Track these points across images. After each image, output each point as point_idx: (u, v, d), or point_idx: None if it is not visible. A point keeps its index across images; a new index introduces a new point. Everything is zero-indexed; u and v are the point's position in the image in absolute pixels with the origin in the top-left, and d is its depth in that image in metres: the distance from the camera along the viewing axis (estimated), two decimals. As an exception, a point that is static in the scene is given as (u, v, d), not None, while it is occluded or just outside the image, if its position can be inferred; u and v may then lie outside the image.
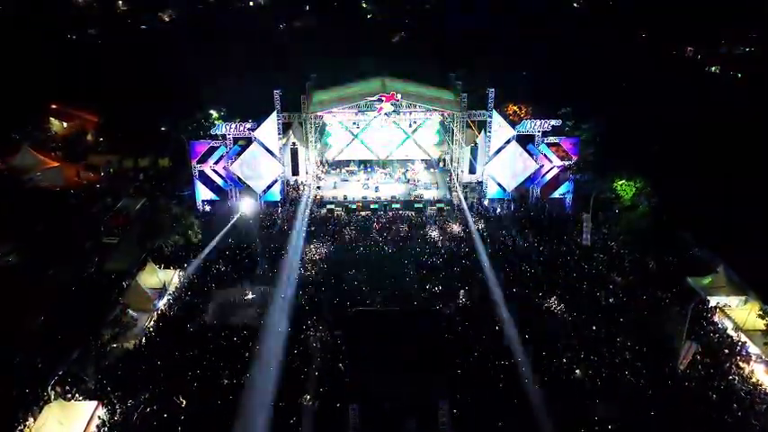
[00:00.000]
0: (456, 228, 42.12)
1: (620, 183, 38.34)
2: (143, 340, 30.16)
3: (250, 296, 33.77)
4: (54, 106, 61.99)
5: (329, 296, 33.16)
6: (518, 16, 79.45)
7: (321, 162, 51.72)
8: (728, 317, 31.41)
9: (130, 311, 30.68)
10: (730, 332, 30.54)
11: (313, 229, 41.83)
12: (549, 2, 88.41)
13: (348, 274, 35.50)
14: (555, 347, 28.59)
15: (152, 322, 31.63)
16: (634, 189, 38.00)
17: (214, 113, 57.04)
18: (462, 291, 33.66)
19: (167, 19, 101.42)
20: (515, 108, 56.34)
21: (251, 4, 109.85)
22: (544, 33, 71.38)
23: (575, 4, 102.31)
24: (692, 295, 32.51)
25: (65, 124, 62.84)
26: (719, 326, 31.02)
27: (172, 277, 35.23)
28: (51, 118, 62.66)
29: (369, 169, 51.50)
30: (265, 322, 30.81)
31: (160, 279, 34.12)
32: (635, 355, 28.27)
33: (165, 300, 33.35)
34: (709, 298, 32.32)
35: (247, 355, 28.41)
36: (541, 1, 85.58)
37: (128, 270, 35.10)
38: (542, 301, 32.90)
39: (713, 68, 76.97)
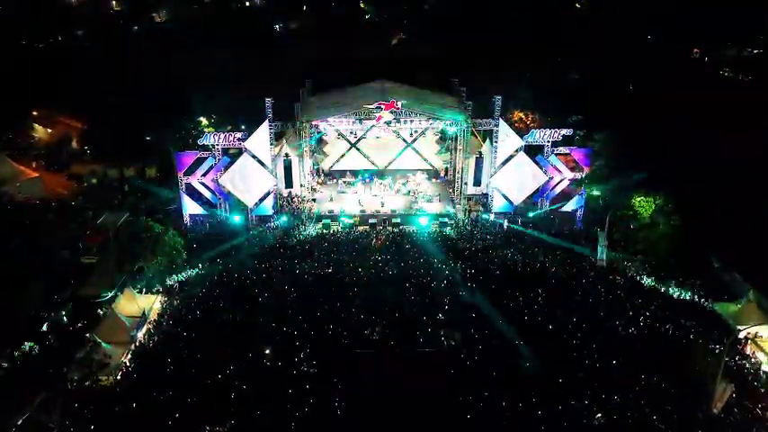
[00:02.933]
0: (460, 245, 39.26)
1: (639, 199, 35.49)
2: (118, 377, 27.37)
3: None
4: (35, 113, 58.78)
5: (324, 325, 30.34)
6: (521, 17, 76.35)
7: (316, 172, 48.84)
8: (761, 349, 28.73)
9: (104, 345, 27.72)
10: (765, 368, 27.78)
11: (307, 247, 39.03)
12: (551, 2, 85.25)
13: (347, 298, 32.66)
14: (573, 388, 25.80)
15: (129, 356, 28.77)
16: (653, 206, 35.16)
17: (204, 120, 54.14)
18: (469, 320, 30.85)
19: (161, 20, 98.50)
20: (521, 115, 53.53)
21: (247, 3, 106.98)
22: (549, 35, 68.46)
23: (577, 5, 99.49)
24: (720, 324, 29.93)
25: (49, 131, 60.02)
26: (752, 359, 28.28)
27: (153, 303, 32.39)
28: (35, 124, 59.89)
29: (367, 180, 48.64)
30: (253, 356, 28.14)
31: (140, 306, 31.26)
32: (662, 396, 25.51)
33: (144, 329, 30.49)
34: (739, 327, 29.53)
35: (233, 396, 25.73)
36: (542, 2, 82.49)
37: (104, 296, 32.28)
38: (557, 331, 30.06)
39: (726, 72, 74.14)
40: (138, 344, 29.54)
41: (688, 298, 32.43)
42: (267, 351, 28.30)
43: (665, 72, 61.52)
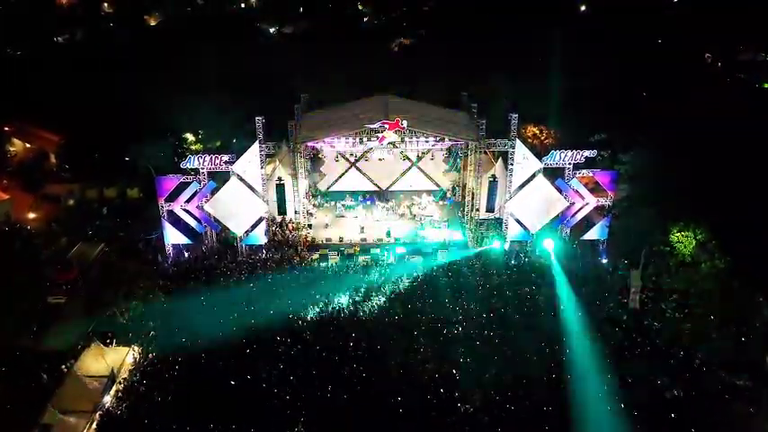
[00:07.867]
0: (473, 281, 35.12)
1: (677, 234, 31.35)
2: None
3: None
4: (7, 129, 54.55)
5: (320, 381, 26.29)
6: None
7: (312, 194, 44.68)
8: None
9: (62, 417, 23.62)
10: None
11: (302, 281, 34.86)
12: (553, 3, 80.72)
13: (348, 348, 28.58)
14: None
15: (94, 426, 24.65)
16: (694, 241, 31.07)
17: (190, 137, 49.87)
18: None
19: (154, 22, 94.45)
20: (535, 130, 49.27)
21: (243, 5, 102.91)
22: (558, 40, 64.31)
23: (582, 7, 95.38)
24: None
25: (28, 145, 55.98)
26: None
27: (125, 358, 28.23)
28: (13, 138, 55.75)
29: (367, 202, 44.55)
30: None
31: (108, 363, 27.15)
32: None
33: (112, 392, 26.33)
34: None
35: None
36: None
37: (69, 349, 28.14)
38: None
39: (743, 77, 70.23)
40: (104, 411, 25.40)
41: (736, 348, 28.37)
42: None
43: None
